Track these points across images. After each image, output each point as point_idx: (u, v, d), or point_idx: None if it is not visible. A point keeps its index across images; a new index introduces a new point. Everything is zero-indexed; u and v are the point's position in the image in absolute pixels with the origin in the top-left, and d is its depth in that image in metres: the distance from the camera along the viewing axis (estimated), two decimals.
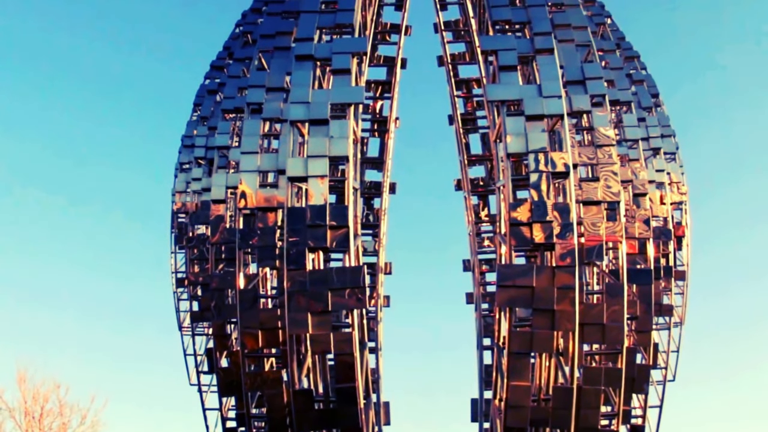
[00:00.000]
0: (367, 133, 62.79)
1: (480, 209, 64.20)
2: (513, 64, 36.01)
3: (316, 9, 39.06)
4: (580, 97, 36.68)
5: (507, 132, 34.20)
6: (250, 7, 51.48)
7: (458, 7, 61.99)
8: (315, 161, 33.96)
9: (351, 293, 33.12)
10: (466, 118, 63.58)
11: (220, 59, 54.11)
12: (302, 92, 35.52)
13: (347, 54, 36.88)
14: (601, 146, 36.51)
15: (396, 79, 62.72)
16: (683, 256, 50.59)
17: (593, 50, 39.85)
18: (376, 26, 57.26)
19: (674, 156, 50.80)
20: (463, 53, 63.43)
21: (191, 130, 52.74)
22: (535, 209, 32.76)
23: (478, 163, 63.87)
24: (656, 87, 52.80)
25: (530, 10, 38.41)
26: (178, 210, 52.73)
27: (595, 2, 50.82)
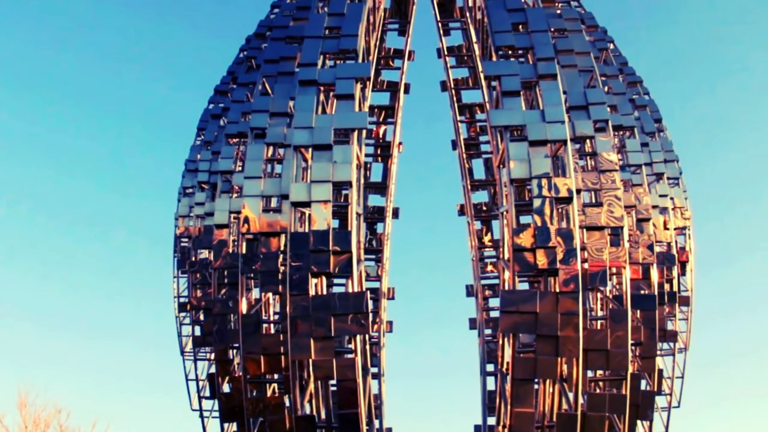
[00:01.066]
0: (371, 158, 62.88)
1: (483, 234, 64.10)
2: (516, 90, 36.06)
3: (319, 34, 39.26)
4: (583, 123, 36.68)
5: (510, 157, 34.18)
6: (254, 32, 51.66)
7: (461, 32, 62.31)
8: (318, 186, 33.96)
9: (354, 319, 32.99)
10: (469, 143, 63.66)
11: (224, 84, 54.25)
12: (306, 117, 35.59)
13: (351, 79, 36.97)
14: (604, 171, 36.43)
15: (399, 104, 62.88)
16: (687, 282, 50.43)
17: (596, 75, 39.88)
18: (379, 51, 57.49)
19: (677, 181, 50.77)
20: (467, 78, 63.65)
21: (195, 154, 52.78)
22: (539, 235, 32.66)
23: (481, 188, 63.88)
24: (659, 112, 52.83)
25: (533, 35, 38.51)
26: (181, 234, 52.68)
27: (597, 28, 50.92)
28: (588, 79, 39.56)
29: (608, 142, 37.35)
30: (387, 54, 62.66)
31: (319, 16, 40.64)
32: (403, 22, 62.06)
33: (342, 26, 39.55)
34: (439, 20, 62.39)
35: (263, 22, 51.33)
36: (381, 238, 62.03)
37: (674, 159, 51.39)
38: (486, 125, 61.31)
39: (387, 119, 63.77)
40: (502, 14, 39.86)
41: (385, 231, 62.24)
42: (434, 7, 61.82)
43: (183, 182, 53.36)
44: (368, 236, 61.42)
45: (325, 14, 40.48)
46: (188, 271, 49.82)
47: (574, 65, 38.90)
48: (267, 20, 51.43)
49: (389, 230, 62.48)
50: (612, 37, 53.66)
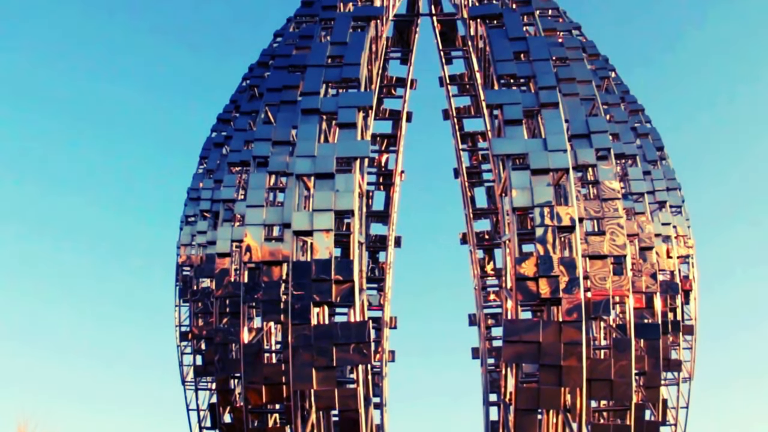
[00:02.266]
0: (373, 187, 62.95)
1: (485, 263, 64.04)
2: (518, 118, 36.09)
3: (322, 63, 39.35)
4: (585, 151, 36.65)
5: (512, 186, 34.12)
6: (257, 60, 51.84)
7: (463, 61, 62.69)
8: (320, 215, 33.89)
9: (356, 348, 32.82)
10: (471, 171, 63.76)
11: (226, 112, 54.39)
12: (308, 146, 35.61)
13: (353, 108, 37.04)
14: (606, 200, 36.35)
15: (401, 133, 63.12)
16: (691, 310, 50.16)
17: (598, 104, 39.92)
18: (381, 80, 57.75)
19: (680, 209, 50.67)
20: (468, 107, 63.91)
21: (197, 182, 52.82)
22: (541, 264, 32.54)
23: (483, 216, 63.94)
24: (661, 140, 52.85)
25: (535, 64, 38.59)
26: (182, 263, 52.60)
27: (599, 56, 51.02)
28: (590, 107, 39.60)
29: (610, 171, 37.29)
30: (389, 82, 62.97)
31: (322, 44, 40.78)
32: (405, 50, 62.46)
33: (344, 55, 39.65)
34: (441, 49, 62.78)
35: (266, 51, 51.50)
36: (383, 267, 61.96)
37: (676, 187, 51.33)
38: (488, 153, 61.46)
39: (389, 147, 63.96)
40: (503, 43, 39.98)
41: (388, 260, 62.17)
42: (436, 35, 62.22)
43: (185, 210, 53.35)
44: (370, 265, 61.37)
45: (328, 43, 40.62)
46: (190, 300, 49.67)
47: (576, 94, 38.93)
48: (270, 49, 51.60)
49: (391, 259, 62.42)
50: (613, 66, 53.80)
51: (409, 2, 60.14)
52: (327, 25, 42.55)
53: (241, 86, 53.95)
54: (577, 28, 51.63)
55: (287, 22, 52.08)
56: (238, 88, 54.36)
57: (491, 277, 63.55)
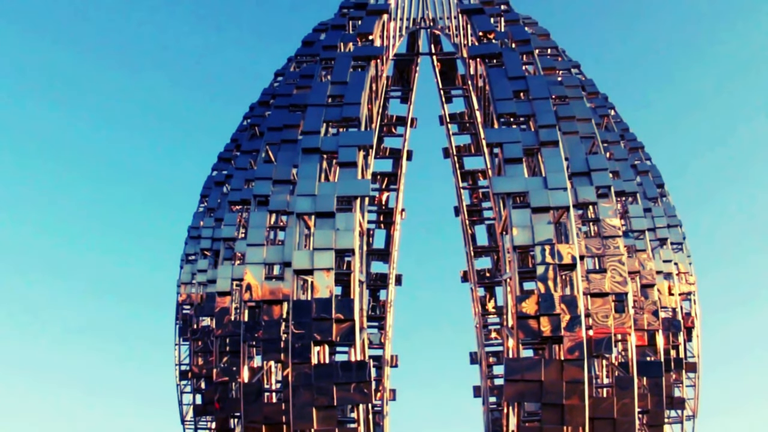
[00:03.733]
0: (373, 225, 62.94)
1: (486, 301, 63.87)
2: (518, 157, 36.18)
3: (322, 102, 39.52)
4: (585, 189, 36.72)
5: (513, 224, 34.12)
6: (257, 100, 52.16)
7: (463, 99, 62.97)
8: (321, 254, 33.86)
9: (356, 388, 32.64)
10: (471, 209, 63.82)
11: (227, 151, 54.67)
12: (309, 185, 35.67)
13: (353, 147, 37.16)
14: (607, 237, 36.36)
15: (402, 171, 63.27)
16: (694, 347, 50.02)
17: (598, 142, 40.05)
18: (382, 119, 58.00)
19: (681, 246, 50.69)
20: (469, 145, 64.12)
21: (198, 221, 52.95)
22: (543, 302, 32.46)
23: (484, 254, 63.87)
24: (661, 177, 53.04)
25: (534, 103, 38.74)
26: (183, 302, 52.56)
27: (598, 94, 51.35)
28: (590, 145, 39.71)
29: (611, 208, 37.32)
30: (389, 121, 63.24)
31: (322, 84, 40.99)
32: (405, 89, 62.81)
33: (345, 95, 39.84)
34: (441, 88, 63.14)
35: (267, 90, 51.86)
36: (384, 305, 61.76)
37: (677, 224, 51.39)
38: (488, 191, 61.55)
39: (389, 186, 64.06)
40: (503, 82, 40.18)
41: (388, 298, 62.01)
42: (436, 74, 62.60)
43: (185, 249, 53.43)
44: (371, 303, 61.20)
45: (328, 83, 40.82)
46: (190, 339, 49.55)
47: (576, 132, 39.07)
48: (270, 88, 51.97)
49: (392, 297, 62.25)
50: (613, 104, 54.11)
51: (409, 41, 60.57)
52: (327, 65, 42.79)
53: (241, 125, 54.26)
54: (577, 67, 52.05)
55: (288, 61, 52.52)
56: (239, 127, 54.66)
57: (492, 315, 63.35)
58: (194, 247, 51.76)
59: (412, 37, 60.06)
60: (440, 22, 54.57)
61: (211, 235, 48.80)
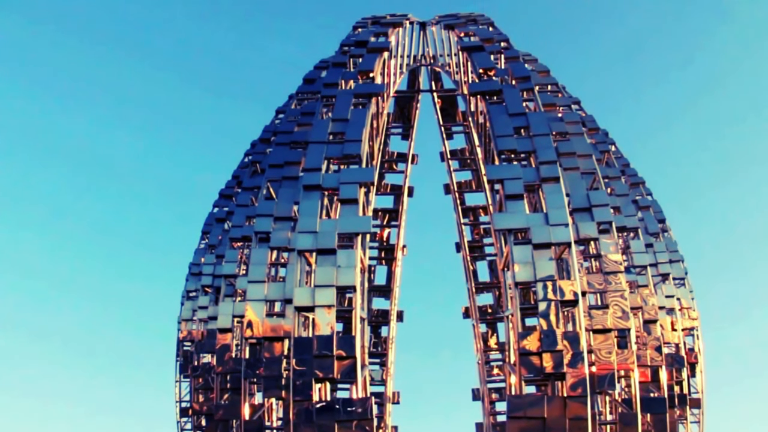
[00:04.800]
0: (375, 261, 62.91)
1: (488, 337, 63.68)
2: (519, 193, 36.20)
3: (324, 140, 39.61)
4: (586, 225, 36.71)
5: (514, 260, 34.08)
6: (259, 137, 52.37)
7: (464, 136, 63.24)
8: (322, 291, 33.77)
9: (358, 425, 32.38)
10: (473, 245, 63.84)
11: (228, 188, 54.77)
12: (310, 222, 35.67)
13: (354, 184, 37.16)
14: (609, 273, 36.36)
15: (403, 208, 63.38)
16: (697, 383, 49.70)
17: (598, 177, 40.12)
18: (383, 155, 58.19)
19: (683, 281, 50.54)
20: (470, 181, 64.27)
21: (199, 257, 52.92)
22: (545, 338, 32.32)
23: (486, 290, 63.78)
24: (662, 212, 53.04)
25: (535, 139, 38.86)
26: (183, 338, 52.36)
27: (598, 130, 51.53)
28: (591, 181, 39.79)
29: (612, 244, 37.33)
30: (390, 158, 63.46)
31: (324, 121, 41.13)
32: (406, 126, 63.13)
33: (346, 132, 39.95)
34: (442, 124, 63.44)
35: (268, 127, 52.08)
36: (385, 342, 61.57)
37: (679, 259, 51.29)
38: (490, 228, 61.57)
39: (391, 222, 64.15)
40: (504, 118, 40.34)
41: (390, 334, 61.86)
42: (437, 111, 62.93)
43: (186, 286, 53.35)
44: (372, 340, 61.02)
45: (330, 120, 40.95)
46: (191, 376, 49.29)
47: (577, 168, 39.15)
48: (272, 125, 52.20)
49: (394, 334, 62.10)
50: (613, 139, 54.30)
51: (410, 79, 60.94)
52: (328, 102, 43.00)
53: (243, 162, 54.41)
54: (577, 103, 52.30)
55: (289, 98, 52.79)
56: (240, 163, 54.81)
57: (495, 351, 63.11)
58: (195, 284, 51.66)
59: (412, 74, 60.44)
60: (441, 59, 54.90)
61: (212, 271, 48.72)
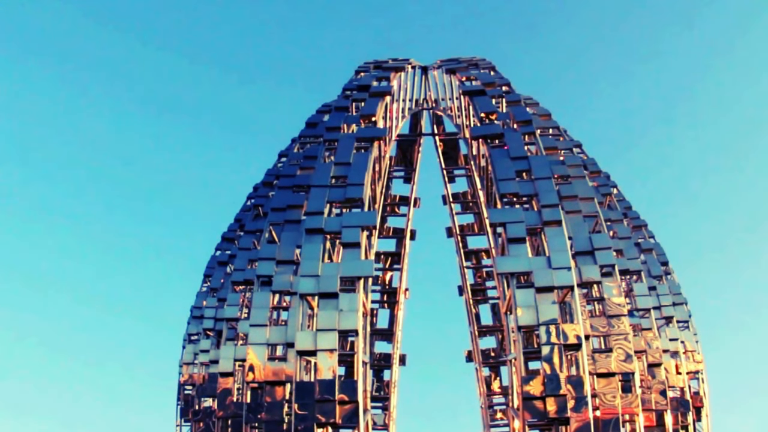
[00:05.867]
0: (377, 305, 62.76)
1: (492, 380, 63.28)
2: (521, 237, 36.19)
3: (326, 183, 39.71)
4: (589, 268, 36.64)
5: (517, 304, 33.97)
6: (261, 180, 52.51)
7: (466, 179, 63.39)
8: (324, 335, 33.63)
9: None
10: (476, 288, 63.73)
11: (231, 231, 54.77)
12: (312, 265, 35.62)
13: (357, 228, 37.15)
14: (612, 316, 36.23)
15: (405, 251, 63.34)
16: (703, 427, 49.20)
17: (601, 220, 40.12)
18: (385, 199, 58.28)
19: (687, 324, 50.28)
20: (472, 224, 64.33)
21: (200, 301, 52.76)
22: (548, 382, 32.11)
23: (488, 333, 63.56)
24: (665, 255, 52.91)
25: (537, 182, 38.93)
26: (184, 382, 52.04)
27: (600, 173, 51.64)
28: (593, 224, 39.79)
29: (615, 287, 37.24)
30: (393, 201, 63.56)
31: (326, 165, 41.28)
32: (408, 169, 63.30)
33: (348, 175, 40.05)
34: (444, 168, 63.62)
35: (271, 171, 52.22)
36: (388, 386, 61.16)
37: (683, 302, 51.07)
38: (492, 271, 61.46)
39: (393, 265, 64.10)
40: (505, 162, 40.44)
41: (392, 378, 61.46)
42: (439, 154, 63.16)
43: (188, 329, 53.16)
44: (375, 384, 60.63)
45: (332, 163, 41.10)
46: (192, 420, 48.90)
47: (579, 211, 39.18)
48: (274, 169, 52.35)
49: (396, 377, 61.70)
50: (615, 182, 54.38)
51: (412, 122, 61.26)
52: (331, 146, 43.16)
53: (245, 205, 54.49)
54: (578, 146, 52.46)
55: (292, 142, 53.03)
56: (243, 207, 54.90)
57: (498, 395, 62.68)
58: (197, 327, 51.51)
59: (414, 118, 60.77)
60: (442, 103, 55.22)
61: (213, 315, 48.60)
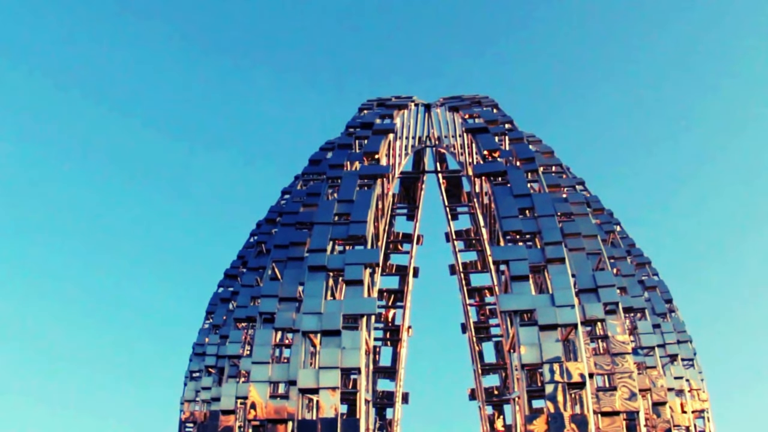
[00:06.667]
0: (380, 342, 62.54)
1: (495, 419, 62.79)
2: (525, 274, 36.09)
3: (329, 221, 39.73)
4: (593, 306, 36.54)
5: (521, 342, 33.80)
6: (264, 217, 52.56)
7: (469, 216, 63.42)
8: (326, 372, 33.49)
9: None
10: (479, 326, 63.54)
11: (234, 267, 54.76)
12: (315, 303, 35.55)
13: (360, 265, 37.11)
14: (616, 354, 36.04)
15: (408, 288, 63.23)
16: None
17: (604, 258, 40.08)
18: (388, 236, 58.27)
19: (692, 362, 49.97)
20: (475, 262, 64.25)
21: (203, 337, 52.60)
22: (552, 421, 31.85)
23: (492, 371, 63.20)
24: (669, 292, 52.75)
25: (540, 220, 38.91)
26: (186, 419, 51.69)
27: (603, 210, 51.66)
28: (596, 261, 39.75)
29: (619, 325, 37.07)
30: (396, 238, 63.56)
31: (329, 202, 41.31)
32: (411, 206, 63.40)
33: (351, 212, 40.09)
34: (447, 205, 63.67)
35: (274, 208, 52.32)
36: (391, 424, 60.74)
37: (687, 339, 50.81)
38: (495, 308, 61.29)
39: (396, 303, 63.97)
40: (508, 199, 40.46)
41: (395, 416, 61.06)
42: (442, 192, 63.26)
43: (190, 366, 52.90)
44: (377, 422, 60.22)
45: (335, 200, 41.13)
46: None
47: (582, 248, 39.16)
48: (277, 206, 52.45)
49: (399, 416, 61.29)
50: (618, 220, 54.39)
51: (415, 159, 61.43)
52: (334, 183, 43.23)
53: (248, 242, 54.53)
54: (581, 183, 52.56)
55: (295, 179, 53.18)
56: (246, 243, 54.93)
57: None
58: (199, 364, 51.27)
59: (417, 155, 60.96)
60: (445, 140, 55.41)
61: (216, 352, 48.46)
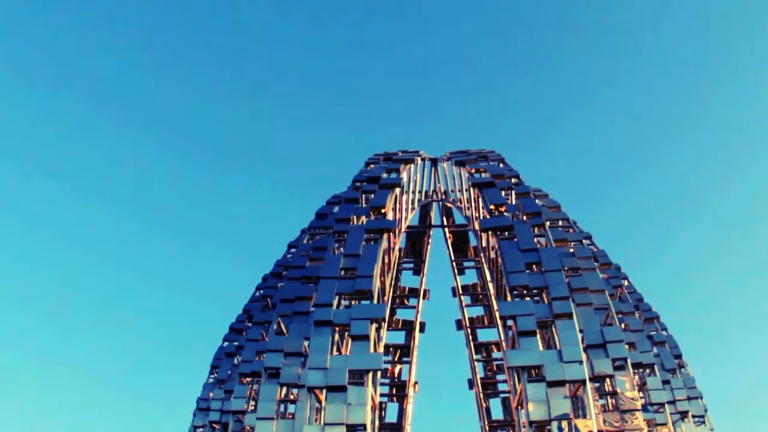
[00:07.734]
0: (386, 398, 61.93)
1: None
2: (532, 330, 35.89)
3: (335, 275, 39.62)
4: (601, 361, 36.23)
5: (528, 399, 33.45)
6: (270, 270, 52.44)
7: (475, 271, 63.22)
8: (332, 429, 33.15)
9: None
10: (486, 382, 63.01)
11: (239, 322, 54.47)
12: (320, 358, 35.32)
13: (366, 320, 36.99)
14: (626, 411, 35.64)
15: (414, 343, 62.85)
16: None
17: (612, 313, 39.84)
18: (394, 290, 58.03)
19: (703, 419, 49.26)
20: (482, 317, 63.96)
21: (207, 392, 52.13)
22: None
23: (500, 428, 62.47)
24: (678, 347, 52.24)
25: (547, 275, 38.77)
26: None
27: (611, 265, 51.46)
28: (604, 316, 39.49)
29: (628, 381, 36.70)
30: (402, 293, 63.31)
31: (335, 257, 41.23)
32: (418, 261, 63.25)
33: (358, 267, 39.99)
34: (454, 259, 63.51)
35: (280, 262, 52.23)
36: None
37: (698, 396, 50.14)
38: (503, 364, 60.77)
39: (402, 358, 63.50)
40: (515, 254, 40.36)
41: None
42: (448, 246, 63.13)
43: (194, 421, 52.31)
44: None
45: (341, 255, 41.07)
46: None
47: (590, 303, 38.95)
48: (284, 259, 52.37)
49: None
50: (626, 274, 54.12)
51: (422, 214, 61.45)
52: (340, 237, 43.20)
53: (254, 296, 54.33)
54: (588, 238, 52.41)
55: (301, 233, 53.17)
56: (251, 297, 54.73)
57: None
58: (203, 420, 50.70)
59: (424, 210, 61.02)
60: (452, 195, 55.48)
61: (220, 407, 48.00)
